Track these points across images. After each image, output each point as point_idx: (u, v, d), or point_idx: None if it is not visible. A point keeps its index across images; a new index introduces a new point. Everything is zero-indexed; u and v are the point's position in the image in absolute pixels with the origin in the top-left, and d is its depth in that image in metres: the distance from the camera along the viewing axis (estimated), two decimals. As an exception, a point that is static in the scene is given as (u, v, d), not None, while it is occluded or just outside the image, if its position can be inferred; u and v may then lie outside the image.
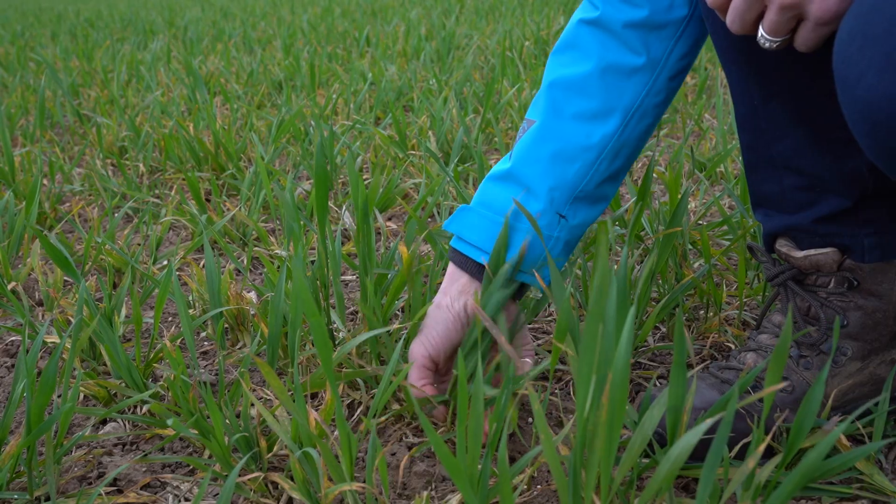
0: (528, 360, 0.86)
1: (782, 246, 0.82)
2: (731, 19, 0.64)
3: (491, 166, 1.57)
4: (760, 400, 0.78)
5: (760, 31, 0.63)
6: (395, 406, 0.89)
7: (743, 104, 0.78)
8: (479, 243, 0.84)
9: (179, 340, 1.08)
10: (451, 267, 0.87)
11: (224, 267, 1.35)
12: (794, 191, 0.78)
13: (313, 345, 0.94)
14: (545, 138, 0.84)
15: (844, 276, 0.79)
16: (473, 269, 0.85)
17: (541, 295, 0.95)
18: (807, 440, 0.70)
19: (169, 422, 0.73)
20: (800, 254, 0.80)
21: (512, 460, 0.81)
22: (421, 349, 0.83)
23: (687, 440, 0.54)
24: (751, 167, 0.81)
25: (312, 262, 1.28)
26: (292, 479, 0.77)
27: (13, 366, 1.08)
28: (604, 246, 0.56)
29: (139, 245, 1.40)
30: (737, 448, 0.74)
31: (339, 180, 1.71)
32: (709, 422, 0.54)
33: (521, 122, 0.93)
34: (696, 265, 1.17)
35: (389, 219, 1.53)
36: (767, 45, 0.64)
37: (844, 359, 0.80)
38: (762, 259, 0.85)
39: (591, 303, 0.55)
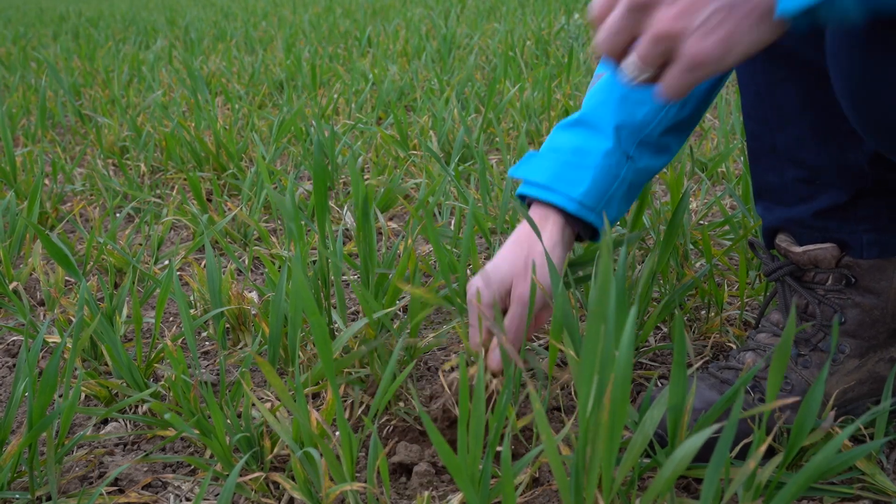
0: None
1: (782, 241, 0.82)
2: (602, 38, 0.57)
3: (492, 166, 1.57)
4: (760, 401, 0.78)
5: (631, 58, 0.56)
6: (400, 404, 0.89)
7: (749, 92, 0.78)
8: (547, 182, 0.84)
9: (180, 340, 1.08)
10: (523, 225, 0.85)
11: (225, 267, 1.35)
12: (794, 183, 0.78)
13: (314, 345, 0.94)
14: (615, 84, 0.85)
15: (842, 273, 0.79)
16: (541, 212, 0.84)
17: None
18: (807, 440, 0.70)
19: (167, 416, 0.73)
20: (799, 249, 0.80)
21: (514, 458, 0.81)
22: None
23: (691, 444, 0.54)
24: (754, 156, 0.81)
25: (314, 261, 1.28)
26: (293, 478, 0.77)
27: (14, 365, 1.08)
28: (606, 246, 0.56)
29: (140, 245, 1.40)
30: (737, 448, 0.74)
31: (341, 180, 1.71)
32: (714, 427, 0.54)
33: (522, 123, 0.94)
34: (697, 265, 1.17)
35: (391, 218, 1.53)
36: (633, 74, 0.57)
37: (843, 356, 0.80)
38: (761, 255, 0.85)
39: (592, 303, 0.55)
